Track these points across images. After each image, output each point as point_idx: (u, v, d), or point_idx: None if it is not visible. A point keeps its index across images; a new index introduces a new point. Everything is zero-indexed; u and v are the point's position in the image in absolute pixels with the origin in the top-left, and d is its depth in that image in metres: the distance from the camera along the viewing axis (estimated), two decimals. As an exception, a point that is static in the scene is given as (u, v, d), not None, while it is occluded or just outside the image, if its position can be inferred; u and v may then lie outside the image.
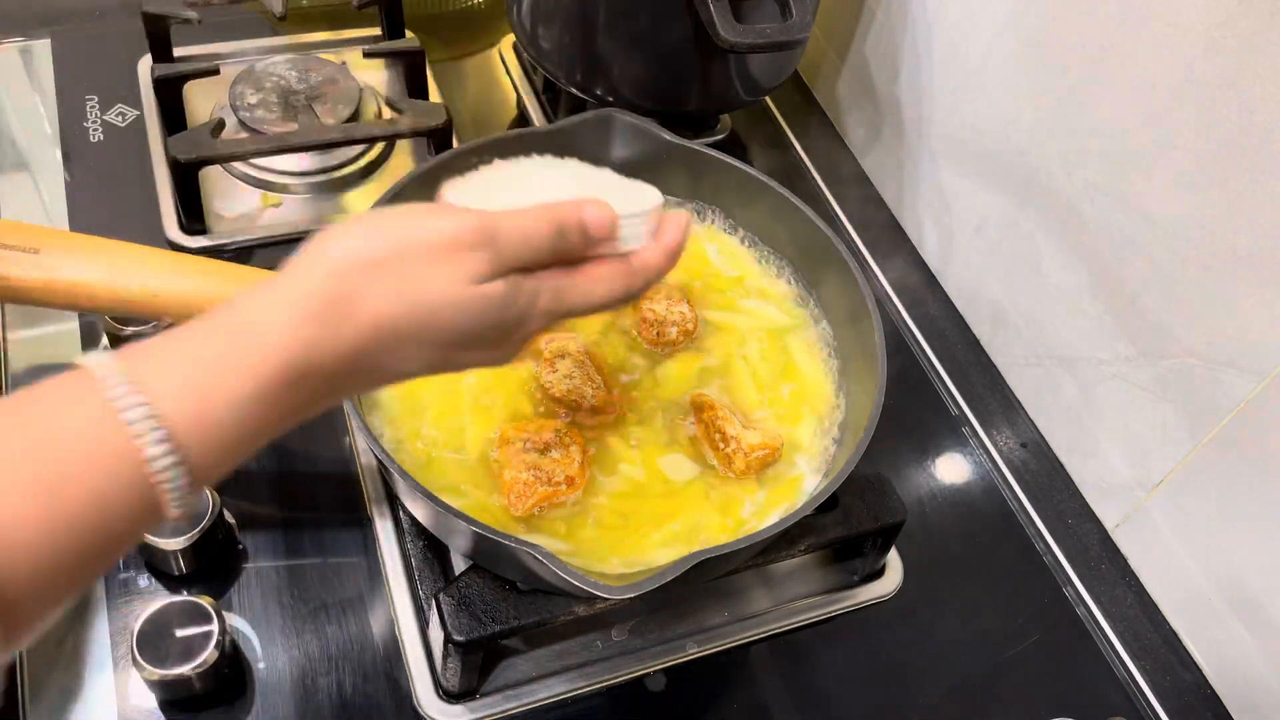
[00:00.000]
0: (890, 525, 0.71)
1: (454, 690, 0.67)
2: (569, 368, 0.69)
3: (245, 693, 0.66)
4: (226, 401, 0.41)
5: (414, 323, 0.45)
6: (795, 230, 0.77)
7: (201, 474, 0.41)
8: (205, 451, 0.41)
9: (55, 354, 0.80)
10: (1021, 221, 0.87)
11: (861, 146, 1.09)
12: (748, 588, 0.75)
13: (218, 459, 0.42)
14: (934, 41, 0.95)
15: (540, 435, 0.65)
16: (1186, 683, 0.76)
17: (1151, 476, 0.78)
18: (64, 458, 0.39)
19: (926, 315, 0.96)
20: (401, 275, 0.45)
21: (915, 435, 0.87)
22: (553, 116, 1.05)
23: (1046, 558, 0.81)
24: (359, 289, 0.44)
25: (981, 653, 0.75)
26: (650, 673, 0.71)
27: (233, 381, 0.42)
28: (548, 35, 0.96)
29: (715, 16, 0.84)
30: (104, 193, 0.92)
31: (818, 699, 0.71)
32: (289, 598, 0.70)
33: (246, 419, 0.42)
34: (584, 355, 0.70)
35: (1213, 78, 0.68)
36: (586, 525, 0.65)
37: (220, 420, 0.41)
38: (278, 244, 0.91)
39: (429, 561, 0.69)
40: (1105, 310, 0.80)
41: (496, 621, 0.62)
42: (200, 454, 0.41)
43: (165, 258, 0.67)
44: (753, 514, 0.67)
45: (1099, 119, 0.77)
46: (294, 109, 0.94)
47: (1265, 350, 0.68)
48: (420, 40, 1.01)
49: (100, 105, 0.98)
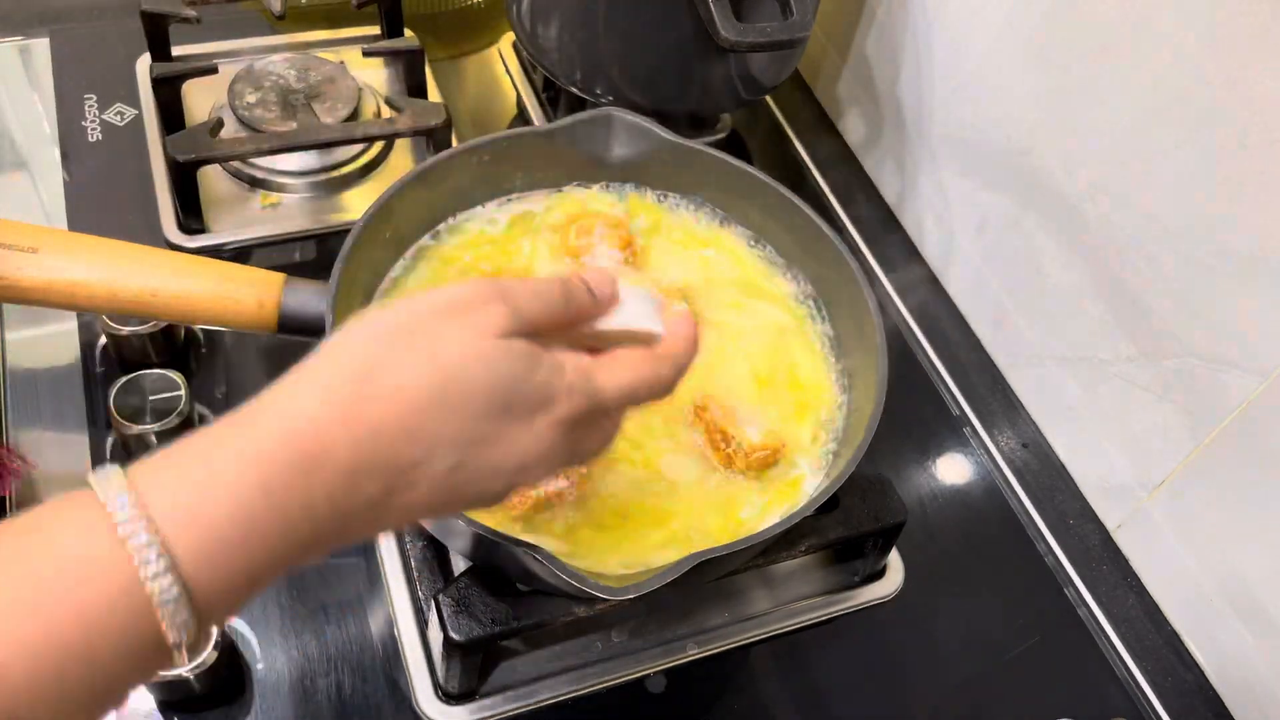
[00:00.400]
0: (891, 526, 0.71)
1: (453, 691, 0.67)
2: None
3: (244, 694, 0.66)
4: (230, 498, 0.37)
5: (440, 385, 0.42)
6: (795, 230, 0.77)
7: (207, 600, 0.37)
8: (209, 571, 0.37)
9: (55, 354, 0.80)
10: (1022, 221, 0.87)
11: (861, 146, 1.09)
12: (748, 588, 0.75)
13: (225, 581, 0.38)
14: (934, 41, 0.95)
15: (540, 435, 0.65)
16: (1188, 683, 0.76)
17: (1153, 477, 0.78)
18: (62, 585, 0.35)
19: (927, 315, 0.96)
20: (421, 340, 0.42)
21: (916, 435, 0.87)
22: (552, 116, 1.05)
23: (1048, 558, 0.81)
24: (380, 363, 0.41)
25: (983, 653, 0.75)
26: (650, 674, 0.71)
27: (235, 472, 0.38)
28: (547, 34, 0.96)
29: (715, 16, 0.83)
30: (103, 192, 0.92)
31: (818, 700, 0.71)
32: (288, 598, 0.70)
33: (256, 519, 0.38)
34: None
35: (1213, 78, 0.67)
36: (586, 526, 0.65)
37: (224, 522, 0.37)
38: (277, 243, 0.91)
39: (428, 562, 0.69)
40: (1106, 310, 0.80)
41: (496, 622, 0.61)
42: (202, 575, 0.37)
43: (164, 257, 0.66)
44: (753, 514, 0.67)
45: (1099, 119, 0.77)
46: (293, 108, 0.94)
47: (1266, 350, 0.68)
48: (419, 39, 1.00)
49: (99, 104, 0.98)
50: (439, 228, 0.77)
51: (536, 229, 0.78)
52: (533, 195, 0.80)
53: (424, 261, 0.75)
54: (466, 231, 0.77)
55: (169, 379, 0.74)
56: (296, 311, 0.66)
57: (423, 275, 0.74)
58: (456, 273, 0.75)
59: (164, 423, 0.72)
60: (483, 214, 0.78)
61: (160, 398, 0.73)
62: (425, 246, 0.76)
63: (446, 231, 0.77)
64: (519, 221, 0.78)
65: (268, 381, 0.41)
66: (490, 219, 0.78)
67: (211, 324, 0.67)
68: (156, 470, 0.38)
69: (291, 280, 0.66)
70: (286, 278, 0.66)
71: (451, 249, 0.76)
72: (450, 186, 0.76)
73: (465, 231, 0.77)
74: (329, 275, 0.65)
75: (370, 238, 0.69)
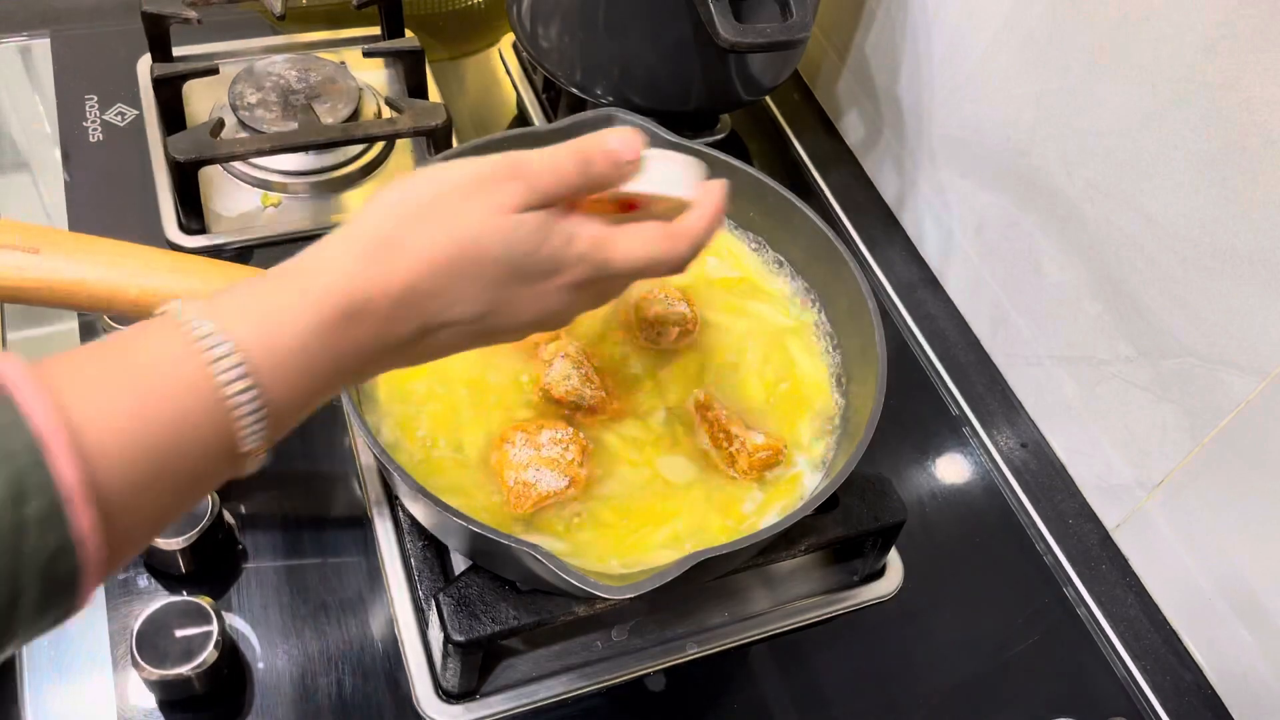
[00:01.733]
0: (890, 525, 0.71)
1: (454, 690, 0.67)
2: (568, 368, 0.69)
3: (245, 693, 0.66)
4: (292, 333, 0.44)
5: (458, 254, 0.47)
6: (795, 230, 0.77)
7: (275, 410, 0.43)
8: (276, 383, 0.43)
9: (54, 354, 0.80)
10: (1021, 221, 0.87)
11: (861, 146, 1.09)
12: (748, 588, 0.75)
13: (289, 395, 0.44)
14: (934, 41, 0.95)
15: (539, 435, 0.65)
16: (1187, 683, 0.76)
17: (1152, 477, 0.78)
18: (150, 384, 0.41)
19: (927, 315, 0.96)
20: (443, 214, 0.48)
21: (915, 435, 0.87)
22: (553, 116, 1.05)
23: (1047, 558, 0.81)
24: (407, 231, 0.47)
25: (982, 653, 0.75)
26: (650, 673, 0.71)
27: (295, 314, 0.44)
28: (547, 35, 0.96)
29: (715, 16, 0.84)
30: (103, 192, 0.92)
31: (818, 699, 0.71)
32: (288, 598, 0.70)
33: (311, 353, 0.44)
34: (583, 355, 0.70)
35: (1213, 78, 0.68)
36: (586, 525, 0.65)
37: (289, 350, 0.44)
38: (277, 243, 0.91)
39: (429, 561, 0.69)
40: (1105, 310, 0.80)
41: (496, 621, 0.62)
42: (272, 386, 0.43)
43: (165, 258, 0.67)
44: (753, 514, 0.67)
45: (1099, 119, 0.77)
46: (293, 108, 0.94)
47: (1265, 350, 0.68)
48: (420, 40, 1.01)
49: (100, 105, 0.98)
50: (439, 228, 0.77)
51: (536, 229, 0.78)
52: (533, 195, 0.80)
53: (424, 261, 0.75)
54: (467, 232, 0.77)
55: (170, 379, 0.74)
56: (297, 311, 0.66)
57: (423, 275, 0.74)
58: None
59: (165, 422, 0.72)
60: (483, 214, 0.79)
61: (161, 397, 0.73)
62: (425, 247, 0.76)
63: (447, 232, 0.77)
64: (519, 222, 0.79)
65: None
66: (490, 219, 0.78)
67: (212, 324, 0.67)
68: (227, 308, 0.44)
69: (292, 280, 0.66)
70: (287, 278, 0.66)
71: (452, 249, 0.76)
72: (450, 187, 0.76)
73: (465, 232, 0.77)
74: (329, 275, 0.65)
75: (371, 238, 0.69)
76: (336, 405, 0.76)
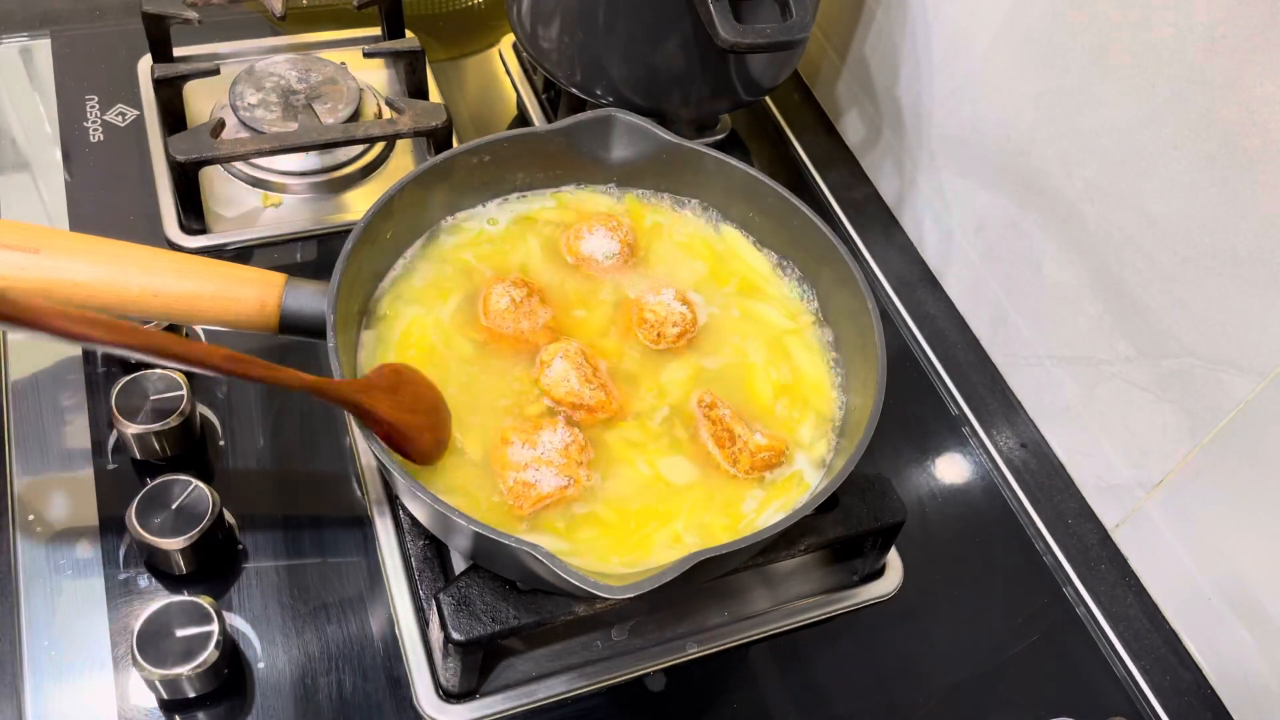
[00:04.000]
0: (890, 525, 0.71)
1: (454, 690, 0.67)
2: (568, 368, 0.69)
3: (245, 693, 0.66)
4: None
5: None
6: (795, 230, 0.77)
7: None
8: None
9: (55, 354, 0.80)
10: (1021, 221, 0.87)
11: (861, 146, 1.09)
12: (748, 588, 0.75)
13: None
14: (934, 41, 0.95)
15: (539, 435, 0.65)
16: (1186, 682, 0.76)
17: (1151, 476, 0.79)
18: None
19: (926, 315, 0.96)
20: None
21: (915, 435, 0.87)
22: (553, 116, 1.05)
23: (1046, 558, 0.81)
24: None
25: (981, 653, 0.75)
26: (650, 673, 0.71)
27: None
28: (548, 35, 0.96)
29: (715, 16, 0.84)
30: (104, 193, 0.92)
31: (818, 699, 0.71)
32: (289, 598, 0.70)
33: None
34: (582, 356, 0.70)
35: (1213, 78, 0.68)
36: (586, 525, 0.65)
37: None
38: (278, 244, 0.91)
39: (429, 561, 0.69)
40: (1105, 310, 0.80)
41: (496, 621, 0.62)
42: None
43: (165, 258, 0.67)
44: (753, 514, 0.67)
45: (1099, 119, 0.77)
46: (294, 109, 0.94)
47: (1265, 350, 0.68)
48: (420, 40, 1.01)
49: (100, 105, 0.98)
50: (439, 227, 0.77)
51: (537, 229, 0.78)
52: (533, 196, 0.80)
53: (425, 261, 0.75)
54: (467, 231, 0.77)
55: (170, 379, 0.74)
56: (298, 312, 0.66)
57: (424, 275, 0.74)
58: (457, 272, 0.75)
59: (165, 423, 0.72)
60: (483, 214, 0.79)
61: (162, 398, 0.73)
62: (426, 246, 0.76)
63: (447, 231, 0.77)
64: (519, 222, 0.79)
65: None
66: (490, 219, 0.79)
67: (213, 324, 0.67)
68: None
69: (293, 280, 0.66)
70: (288, 278, 0.67)
71: (452, 249, 0.76)
72: (451, 187, 0.76)
73: (465, 231, 0.77)
74: (330, 275, 0.65)
75: (371, 238, 0.69)
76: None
